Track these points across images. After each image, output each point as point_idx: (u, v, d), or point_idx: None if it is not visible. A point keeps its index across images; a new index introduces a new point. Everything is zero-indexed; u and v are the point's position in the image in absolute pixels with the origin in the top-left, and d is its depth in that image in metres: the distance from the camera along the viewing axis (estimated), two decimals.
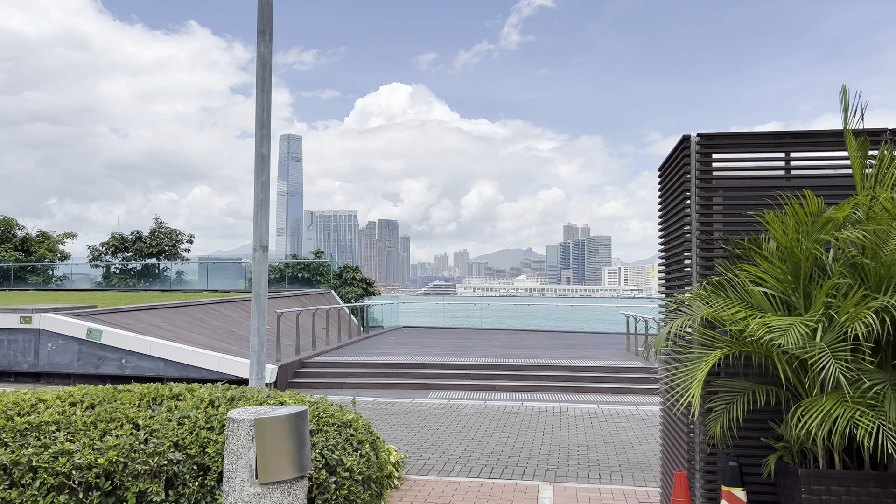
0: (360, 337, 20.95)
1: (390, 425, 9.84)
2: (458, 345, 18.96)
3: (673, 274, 5.48)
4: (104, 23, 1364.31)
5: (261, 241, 6.94)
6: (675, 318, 4.43)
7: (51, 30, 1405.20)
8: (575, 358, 15.32)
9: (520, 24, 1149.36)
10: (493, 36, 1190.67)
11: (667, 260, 5.73)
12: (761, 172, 4.74)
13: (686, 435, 4.73)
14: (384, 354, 16.05)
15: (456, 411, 10.96)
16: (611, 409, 11.20)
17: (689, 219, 4.74)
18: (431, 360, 14.95)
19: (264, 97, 6.99)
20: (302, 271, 27.14)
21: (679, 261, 5.33)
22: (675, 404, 4.37)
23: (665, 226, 5.65)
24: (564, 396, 12.68)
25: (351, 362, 14.77)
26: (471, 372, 14.07)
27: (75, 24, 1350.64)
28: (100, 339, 13.61)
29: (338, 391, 13.26)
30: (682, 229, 4.93)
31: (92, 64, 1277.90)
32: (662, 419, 5.93)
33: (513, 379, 13.77)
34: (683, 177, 4.80)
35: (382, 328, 25.57)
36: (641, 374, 13.74)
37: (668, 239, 5.58)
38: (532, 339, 21.56)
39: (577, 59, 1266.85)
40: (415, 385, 13.54)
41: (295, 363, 14.31)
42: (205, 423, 4.81)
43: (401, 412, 10.90)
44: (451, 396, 12.67)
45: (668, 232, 5.58)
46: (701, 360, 4.13)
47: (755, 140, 4.72)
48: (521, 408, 11.27)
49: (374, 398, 12.26)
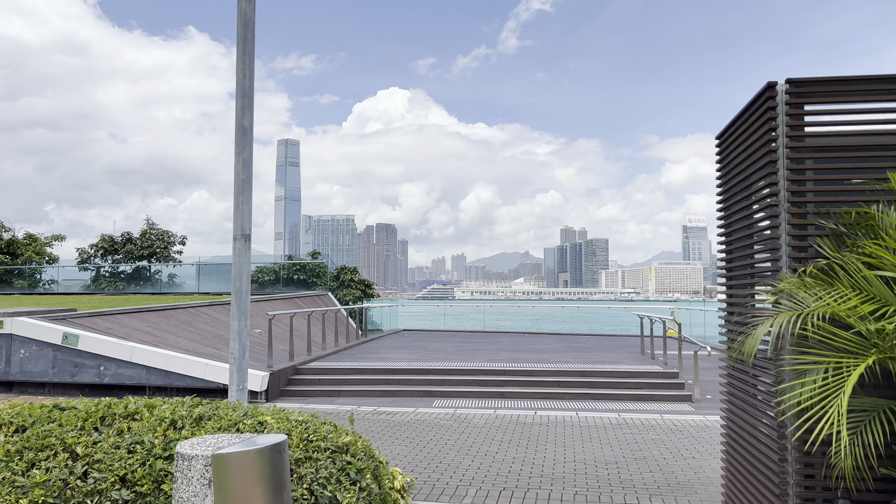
0: (359, 341, 19.91)
1: (393, 439, 8.82)
2: (462, 349, 17.94)
3: (738, 261, 4.48)
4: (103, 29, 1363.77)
5: (242, 228, 5.93)
6: (768, 316, 3.41)
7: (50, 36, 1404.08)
8: (588, 362, 14.30)
9: (518, 29, 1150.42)
10: (492, 40, 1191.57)
11: (729, 246, 4.72)
12: (872, 128, 3.73)
13: (776, 464, 3.71)
14: (384, 359, 15.03)
15: (464, 422, 9.95)
16: (634, 419, 10.19)
17: (776, 188, 3.74)
18: (435, 365, 13.92)
19: (246, 60, 5.98)
20: (298, 273, 26.07)
21: (748, 245, 4.33)
22: (796, 428, 3.32)
23: (728, 203, 4.65)
24: (581, 404, 11.67)
25: (349, 368, 13.75)
26: (478, 378, 13.05)
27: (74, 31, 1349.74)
28: (76, 345, 12.57)
29: (335, 400, 12.24)
30: (762, 203, 3.93)
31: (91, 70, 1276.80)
32: (727, 440, 4.91)
33: (523, 385, 12.75)
34: (765, 137, 3.81)
35: (382, 332, 24.54)
36: (662, 380, 12.74)
37: (731, 221, 4.59)
38: (539, 343, 20.55)
39: (575, 63, 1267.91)
40: (418, 393, 12.52)
41: (288, 369, 13.28)
42: (162, 451, 3.79)
43: (404, 423, 9.88)
44: (457, 405, 11.65)
45: (729, 209, 4.59)
46: (837, 371, 3.09)
47: (862, 86, 3.72)
48: (536, 417, 10.26)
49: (375, 407, 11.24)
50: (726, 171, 4.66)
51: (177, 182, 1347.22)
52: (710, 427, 9.51)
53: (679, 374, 12.73)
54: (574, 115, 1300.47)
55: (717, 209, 4.88)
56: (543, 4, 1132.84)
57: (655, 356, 15.41)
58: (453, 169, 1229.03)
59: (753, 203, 4.16)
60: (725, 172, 4.69)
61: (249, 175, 6.02)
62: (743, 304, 4.57)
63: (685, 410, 11.09)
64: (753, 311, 3.93)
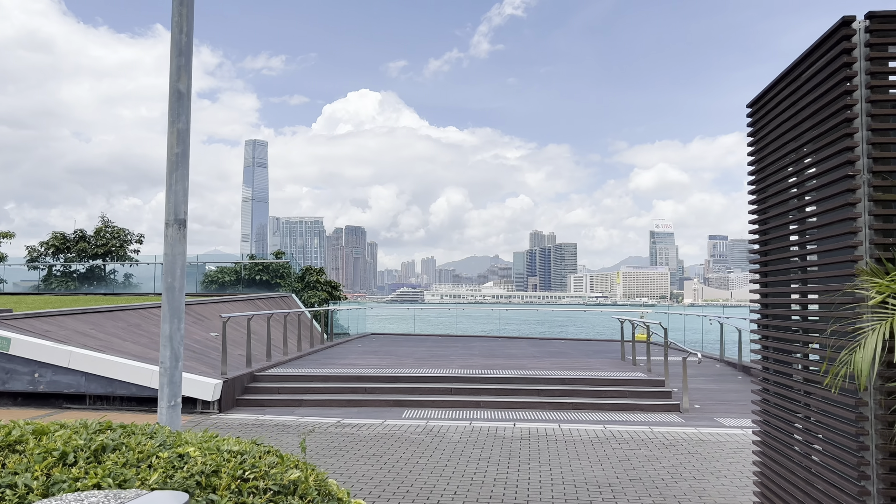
0: (324, 345, 18.84)
1: (357, 457, 7.86)
2: (433, 353, 17.01)
3: (778, 253, 3.64)
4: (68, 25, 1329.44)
5: (175, 212, 4.93)
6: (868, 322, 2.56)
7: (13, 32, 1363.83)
8: (568, 369, 13.50)
9: (490, 33, 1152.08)
10: (464, 44, 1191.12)
11: (764, 235, 3.89)
12: None
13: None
14: (351, 365, 14.03)
15: (437, 436, 9.02)
16: (621, 432, 9.38)
17: (852, 153, 2.90)
18: (405, 371, 12.97)
19: (184, 13, 4.99)
20: (260, 273, 24.81)
21: (798, 232, 3.50)
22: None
23: (765, 183, 3.82)
24: (563, 415, 10.84)
25: (312, 375, 12.71)
26: (451, 386, 12.13)
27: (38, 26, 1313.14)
28: (7, 349, 11.32)
29: (295, 410, 11.21)
30: (829, 176, 3.09)
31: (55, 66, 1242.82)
32: (763, 460, 4.08)
33: (500, 394, 11.87)
34: (838, 88, 2.99)
35: (349, 335, 23.47)
36: (647, 388, 11.98)
37: (769, 205, 3.76)
38: (513, 347, 19.72)
39: (546, 68, 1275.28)
40: (386, 402, 11.55)
41: (245, 377, 12.20)
42: (40, 497, 2.80)
43: (370, 438, 8.91)
44: (429, 416, 10.72)
45: (767, 190, 3.76)
46: None
47: None
48: (515, 430, 9.39)
49: (339, 419, 10.26)
50: (764, 145, 3.85)
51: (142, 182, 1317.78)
52: (706, 442, 8.74)
53: (665, 382, 11.99)
54: (544, 120, 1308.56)
55: (751, 191, 4.06)
56: (516, 9, 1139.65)
57: (637, 362, 14.68)
58: (424, 172, 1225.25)
59: (809, 178, 3.33)
60: (763, 146, 3.87)
61: (186, 149, 5.03)
62: (780, 303, 3.75)
63: (675, 422, 10.33)
64: (844, 317, 3.04)
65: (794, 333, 3.67)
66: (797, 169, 3.49)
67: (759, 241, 4.01)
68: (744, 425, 10.04)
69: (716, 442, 8.73)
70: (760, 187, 3.94)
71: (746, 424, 10.09)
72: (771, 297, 3.93)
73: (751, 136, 4.04)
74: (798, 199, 3.50)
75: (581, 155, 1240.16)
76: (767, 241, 3.92)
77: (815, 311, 3.47)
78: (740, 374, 14.76)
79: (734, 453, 8.10)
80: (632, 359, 14.80)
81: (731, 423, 10.18)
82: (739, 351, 15.16)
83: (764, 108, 3.86)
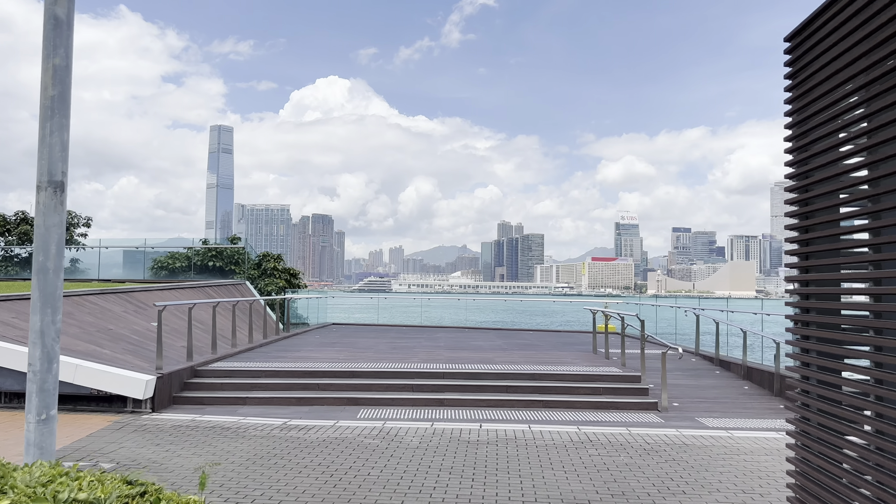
0: (279, 336, 17.70)
1: (300, 468, 6.84)
2: (395, 346, 16.02)
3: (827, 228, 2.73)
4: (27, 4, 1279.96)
5: (50, 172, 3.83)
6: None
7: None
8: (537, 362, 12.64)
9: (461, 23, 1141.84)
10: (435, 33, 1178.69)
11: (807, 205, 2.97)
12: None
13: None
14: (304, 359, 12.95)
15: (394, 440, 8.05)
16: (597, 434, 8.53)
17: None
18: (363, 366, 11.96)
19: None
20: (213, 259, 23.42)
21: (832, 206, 2.58)
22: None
23: (811, 137, 2.90)
24: (533, 414, 9.96)
25: (260, 370, 11.62)
26: (412, 382, 11.17)
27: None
28: None
29: (238, 409, 10.13)
30: None
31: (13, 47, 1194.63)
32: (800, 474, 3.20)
33: (465, 391, 10.94)
34: None
35: (308, 326, 22.33)
36: (622, 384, 11.18)
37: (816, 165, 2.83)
38: (480, 338, 18.84)
39: (515, 59, 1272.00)
40: (341, 400, 10.54)
41: (185, 371, 11.05)
42: None
43: (318, 443, 7.90)
44: (387, 416, 9.74)
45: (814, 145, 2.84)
46: None
47: None
48: (481, 433, 8.46)
49: (286, 419, 9.21)
50: (811, 87, 2.93)
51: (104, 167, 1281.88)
52: (690, 446, 7.93)
53: (641, 378, 11.20)
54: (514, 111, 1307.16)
55: (789, 149, 3.16)
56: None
57: (610, 355, 13.90)
58: (393, 161, 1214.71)
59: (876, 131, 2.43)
60: (809, 89, 2.96)
61: (65, 91, 3.92)
62: (831, 294, 2.84)
63: (654, 422, 9.53)
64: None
65: (851, 334, 2.78)
66: (860, 117, 2.60)
67: (803, 212, 3.10)
68: (727, 426, 9.30)
69: (701, 447, 7.93)
70: (804, 144, 3.04)
71: (730, 425, 9.36)
72: (814, 287, 3.05)
73: (790, 78, 3.13)
74: (867, 154, 2.60)
75: (549, 146, 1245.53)
76: (811, 213, 3.02)
77: (881, 306, 2.58)
78: (718, 368, 14.10)
79: (722, 461, 7.30)
80: (604, 352, 14.02)
81: (713, 424, 9.43)
82: (717, 344, 14.50)
83: (811, 41, 2.94)
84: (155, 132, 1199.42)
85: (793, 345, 3.39)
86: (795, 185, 3.18)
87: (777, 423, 9.60)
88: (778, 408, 10.72)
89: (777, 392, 11.47)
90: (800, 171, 3.13)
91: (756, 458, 7.45)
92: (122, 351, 11.52)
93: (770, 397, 11.45)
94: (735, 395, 11.60)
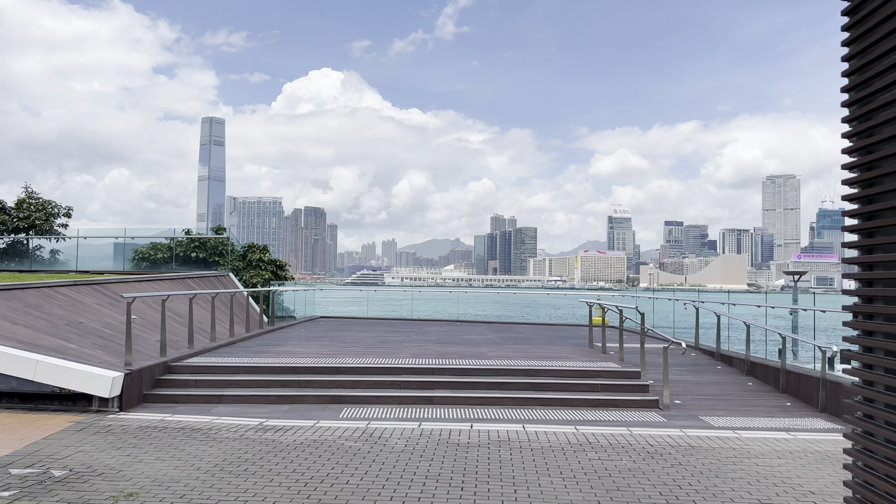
0: (263, 330, 17.05)
1: (273, 475, 6.22)
2: (384, 340, 15.41)
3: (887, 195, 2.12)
4: None
5: None
6: None
7: None
8: (531, 357, 12.06)
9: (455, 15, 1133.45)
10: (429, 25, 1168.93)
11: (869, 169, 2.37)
12: None
13: None
14: (287, 354, 12.32)
15: (378, 442, 7.44)
16: (596, 435, 7.95)
17: None
18: (348, 361, 11.34)
19: None
20: (196, 250, 22.68)
21: None
22: None
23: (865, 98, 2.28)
24: (527, 413, 9.36)
25: (238, 366, 10.98)
26: (400, 378, 10.56)
27: None
28: None
29: (214, 407, 9.49)
30: None
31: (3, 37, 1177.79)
32: None
33: (456, 388, 10.34)
34: None
35: (295, 319, 21.66)
36: (621, 380, 10.61)
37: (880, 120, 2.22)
38: (472, 332, 18.26)
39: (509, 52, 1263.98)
40: (323, 398, 9.92)
41: (158, 367, 10.40)
42: None
43: (296, 446, 7.28)
44: (372, 414, 9.13)
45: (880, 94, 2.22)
46: None
47: None
48: (472, 434, 7.86)
49: (263, 419, 8.58)
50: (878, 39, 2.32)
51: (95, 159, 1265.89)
52: (697, 448, 7.36)
53: (641, 374, 10.63)
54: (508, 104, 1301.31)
55: (848, 101, 2.55)
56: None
57: (607, 350, 13.33)
58: (386, 154, 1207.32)
59: None
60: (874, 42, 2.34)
61: None
62: None
63: (656, 422, 8.96)
64: None
65: None
66: None
67: (861, 180, 2.51)
68: (733, 426, 8.74)
69: (708, 449, 7.36)
70: (868, 94, 2.44)
71: (736, 425, 8.80)
72: (882, 271, 2.46)
73: (849, 32, 2.52)
74: None
75: (543, 140, 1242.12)
76: (875, 181, 2.42)
77: None
78: (719, 363, 13.55)
79: (732, 465, 6.72)
80: (601, 346, 13.45)
81: (719, 424, 8.86)
82: (718, 338, 13.94)
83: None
84: (146, 124, 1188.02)
85: (852, 342, 2.78)
86: (857, 146, 2.58)
87: (786, 423, 9.06)
88: (785, 405, 10.17)
89: (783, 388, 10.92)
90: (859, 128, 2.53)
91: (768, 461, 6.89)
92: (92, 346, 10.85)
93: (776, 394, 10.90)
94: (739, 391, 11.05)
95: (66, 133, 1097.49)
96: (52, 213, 27.48)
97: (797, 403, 10.24)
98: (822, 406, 9.68)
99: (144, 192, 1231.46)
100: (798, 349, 16.08)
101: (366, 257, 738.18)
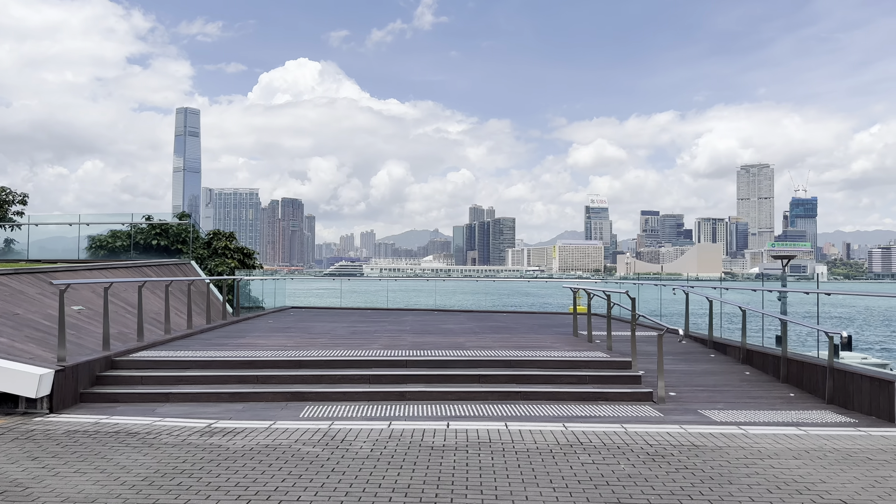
0: (226, 321, 15.96)
1: (213, 489, 5.23)
2: (355, 330, 14.42)
3: None
4: None
5: None
6: None
7: None
8: (513, 347, 11.18)
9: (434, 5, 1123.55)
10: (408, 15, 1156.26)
11: None
12: None
13: None
14: (248, 346, 11.30)
15: (340, 447, 6.49)
16: (588, 434, 7.07)
17: None
18: (313, 354, 10.35)
19: None
20: (158, 237, 21.46)
21: None
22: None
23: None
24: (510, 409, 8.46)
25: (190, 360, 9.93)
26: (369, 372, 9.60)
27: None
28: None
29: (159, 407, 8.46)
30: None
31: None
32: None
33: (431, 382, 9.41)
34: None
35: (263, 310, 20.58)
36: (611, 371, 9.76)
37: None
38: (450, 321, 17.35)
39: (487, 42, 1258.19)
40: (283, 395, 8.92)
41: (99, 362, 9.32)
42: None
43: (244, 452, 6.29)
44: (336, 413, 8.18)
45: None
46: None
47: None
48: (448, 435, 6.94)
49: (212, 420, 7.58)
50: None
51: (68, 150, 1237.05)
52: (702, 448, 6.51)
53: (632, 364, 9.79)
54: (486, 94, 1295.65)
55: None
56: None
57: (594, 338, 12.49)
58: (365, 145, 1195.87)
59: None
60: None
61: None
62: None
63: (651, 417, 8.12)
64: None
65: None
66: None
67: None
68: (737, 420, 7.94)
69: (714, 449, 6.51)
70: None
71: (740, 419, 8.00)
72: None
73: None
74: None
75: (521, 130, 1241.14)
76: None
77: None
78: (712, 351, 12.78)
79: (745, 468, 5.88)
80: (587, 334, 12.60)
81: (721, 419, 8.05)
82: (710, 325, 13.18)
83: None
84: (120, 115, 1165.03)
85: None
86: None
87: (793, 416, 8.27)
88: (788, 396, 9.40)
89: (784, 378, 10.16)
90: None
91: (784, 463, 6.06)
92: (25, 339, 9.72)
93: (777, 384, 10.13)
94: (737, 381, 10.26)
95: (38, 124, 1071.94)
96: (6, 199, 25.98)
97: (801, 394, 9.48)
98: (829, 397, 8.92)
99: (119, 183, 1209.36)
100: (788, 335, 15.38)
101: (344, 249, 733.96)
